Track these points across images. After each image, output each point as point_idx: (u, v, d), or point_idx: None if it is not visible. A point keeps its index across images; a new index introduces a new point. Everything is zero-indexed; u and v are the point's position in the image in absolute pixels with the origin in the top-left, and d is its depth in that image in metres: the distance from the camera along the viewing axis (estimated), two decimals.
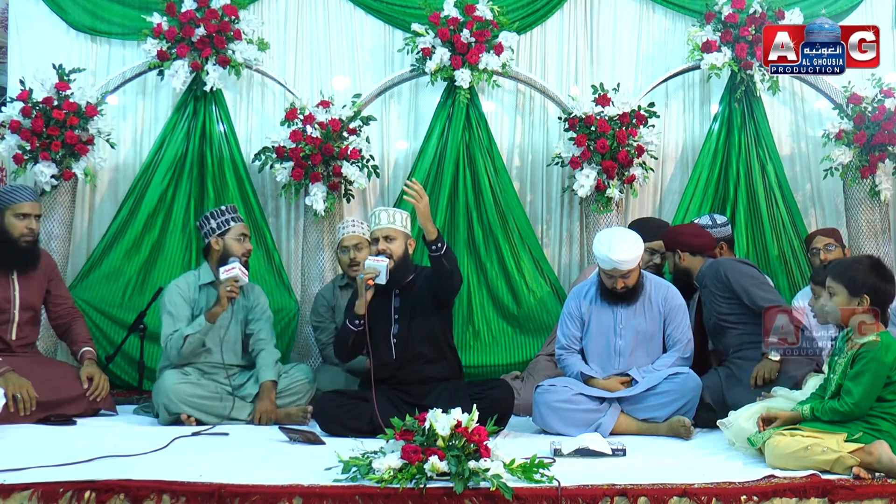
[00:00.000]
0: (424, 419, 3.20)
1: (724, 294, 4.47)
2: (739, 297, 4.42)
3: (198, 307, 4.56)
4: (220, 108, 5.65)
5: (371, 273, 4.11)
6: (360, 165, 5.45)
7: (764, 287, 4.48)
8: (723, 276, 4.47)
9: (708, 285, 4.53)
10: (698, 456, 3.72)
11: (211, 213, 4.64)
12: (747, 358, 4.37)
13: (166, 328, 4.50)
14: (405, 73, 5.76)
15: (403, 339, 4.23)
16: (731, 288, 4.43)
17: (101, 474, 3.14)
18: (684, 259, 4.64)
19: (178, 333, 4.43)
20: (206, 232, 4.62)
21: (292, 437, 3.92)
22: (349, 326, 4.23)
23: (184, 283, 4.62)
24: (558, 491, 3.05)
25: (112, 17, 5.77)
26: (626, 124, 5.42)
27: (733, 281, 4.43)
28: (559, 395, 4.23)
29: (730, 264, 4.54)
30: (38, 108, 5.32)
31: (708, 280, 4.53)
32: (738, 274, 4.46)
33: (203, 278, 4.62)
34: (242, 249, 4.57)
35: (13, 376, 4.21)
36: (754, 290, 4.40)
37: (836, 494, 3.11)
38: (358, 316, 4.19)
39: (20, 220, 4.49)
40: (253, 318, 4.66)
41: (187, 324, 4.48)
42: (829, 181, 5.71)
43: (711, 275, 4.53)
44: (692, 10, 5.77)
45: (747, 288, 4.41)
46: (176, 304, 4.53)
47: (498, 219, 5.63)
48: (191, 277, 4.66)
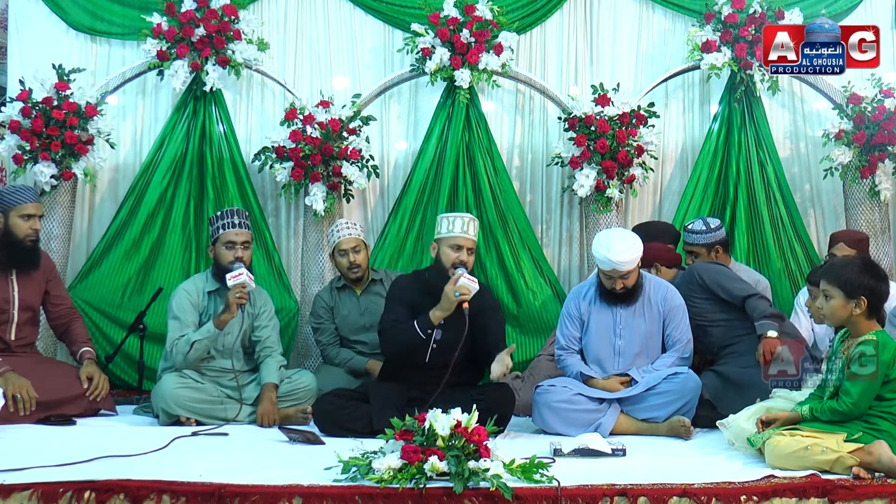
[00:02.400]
0: (424, 419, 3.20)
1: (701, 295, 4.56)
2: (716, 293, 4.52)
3: (206, 314, 4.54)
4: (220, 108, 5.65)
5: (467, 294, 4.04)
6: (359, 165, 5.45)
7: (737, 280, 4.59)
8: (696, 277, 4.59)
9: (683, 291, 4.58)
10: (698, 456, 3.72)
11: (211, 219, 4.65)
12: (739, 352, 4.42)
13: (173, 332, 4.47)
14: (405, 73, 5.76)
15: (442, 346, 4.16)
16: (706, 287, 4.54)
17: (100, 474, 3.14)
18: (662, 272, 4.77)
19: (185, 339, 4.41)
20: (209, 237, 4.66)
21: (292, 437, 3.92)
22: (418, 332, 4.14)
23: (193, 288, 4.58)
24: (558, 491, 3.05)
25: (112, 17, 5.77)
26: (625, 124, 5.43)
27: (708, 279, 4.55)
28: (559, 396, 4.22)
29: (701, 266, 4.70)
30: (37, 108, 5.32)
31: (682, 286, 4.60)
32: (710, 272, 4.59)
33: (210, 285, 4.60)
34: (230, 258, 4.49)
35: (13, 376, 4.21)
36: (729, 284, 4.51)
37: (836, 494, 3.11)
38: (431, 325, 4.13)
39: (25, 220, 4.49)
40: (259, 325, 4.63)
41: (194, 329, 4.46)
42: (829, 181, 5.72)
43: (685, 279, 4.64)
44: (692, 10, 5.78)
45: (722, 283, 4.52)
46: (184, 309, 4.50)
47: (498, 219, 5.63)
48: (199, 282, 4.62)
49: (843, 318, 3.44)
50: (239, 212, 4.65)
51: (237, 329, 4.49)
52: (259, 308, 4.65)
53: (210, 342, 4.42)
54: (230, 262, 4.48)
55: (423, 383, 4.14)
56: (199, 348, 4.40)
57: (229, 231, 4.54)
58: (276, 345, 4.66)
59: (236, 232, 4.56)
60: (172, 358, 4.45)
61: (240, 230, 4.57)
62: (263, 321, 4.65)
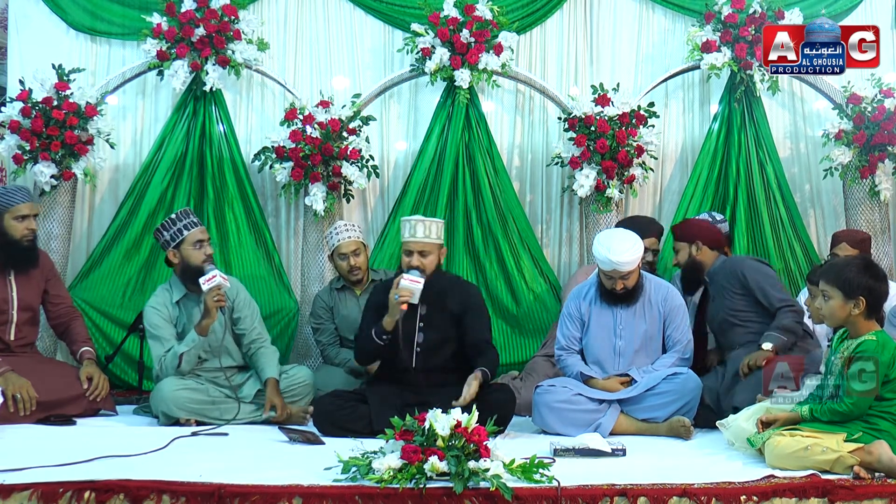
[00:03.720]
0: (424, 419, 3.20)
1: (738, 291, 4.50)
2: (755, 294, 4.46)
3: (180, 324, 4.50)
4: (220, 108, 5.65)
5: (406, 295, 4.03)
6: (359, 165, 5.45)
7: (780, 287, 4.54)
8: (740, 274, 4.50)
9: (721, 281, 4.55)
10: (698, 456, 3.72)
11: (163, 224, 4.51)
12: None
13: (156, 350, 4.43)
14: (405, 73, 5.76)
15: (427, 349, 4.16)
16: (747, 286, 4.48)
17: (100, 474, 3.14)
18: (703, 252, 4.65)
19: (172, 352, 4.37)
20: (163, 244, 4.51)
21: (292, 437, 3.92)
22: (374, 339, 4.14)
23: (159, 303, 4.50)
24: (558, 491, 3.05)
25: (112, 17, 5.76)
26: (625, 124, 5.42)
27: (750, 279, 4.47)
28: (559, 396, 4.22)
29: (748, 263, 4.61)
30: (37, 108, 5.32)
31: (721, 276, 4.55)
32: (756, 272, 4.50)
33: (176, 294, 4.52)
34: (202, 257, 4.42)
35: (13, 376, 4.21)
36: (771, 290, 4.45)
37: (836, 494, 3.11)
38: (385, 332, 4.13)
39: (19, 221, 4.49)
40: (240, 317, 4.56)
41: (175, 341, 4.43)
42: (829, 181, 5.72)
43: (726, 271, 4.56)
44: (692, 10, 5.77)
45: (764, 287, 4.46)
46: (159, 325, 4.44)
47: (497, 219, 5.63)
48: (163, 296, 4.53)
49: (843, 319, 3.44)
50: (191, 211, 4.63)
51: (221, 328, 4.42)
52: (234, 298, 4.55)
53: (198, 350, 4.38)
54: (203, 261, 4.40)
55: (414, 385, 4.15)
56: (189, 359, 4.36)
57: (194, 231, 4.46)
58: (262, 333, 4.61)
59: (201, 230, 4.51)
60: (163, 374, 4.39)
61: (201, 227, 4.53)
62: (243, 310, 4.56)
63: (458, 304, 4.26)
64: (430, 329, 4.17)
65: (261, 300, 5.17)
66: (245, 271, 5.49)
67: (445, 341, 4.21)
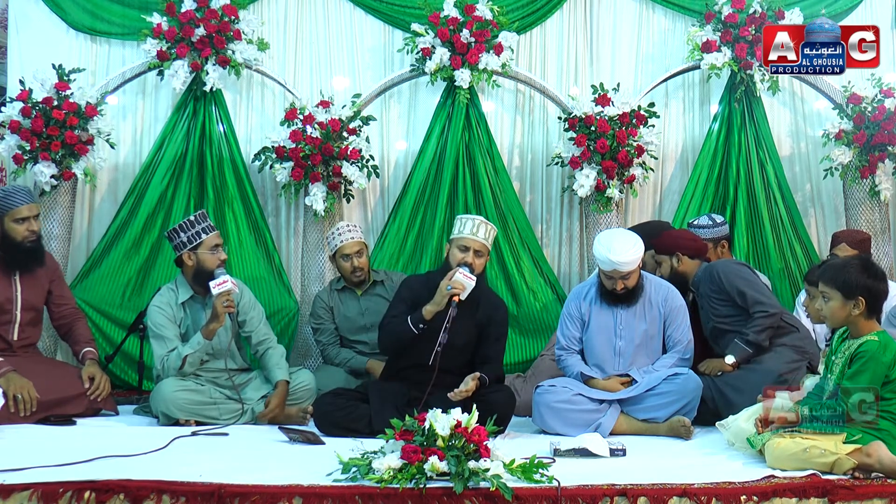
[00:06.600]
0: (424, 419, 3.20)
1: (719, 296, 4.48)
2: (733, 298, 4.43)
3: (184, 325, 4.49)
4: (220, 108, 5.64)
5: (459, 289, 4.08)
6: (359, 165, 5.45)
7: (756, 287, 4.48)
8: (717, 277, 4.47)
9: (702, 289, 4.54)
10: (698, 456, 3.72)
11: (180, 226, 4.48)
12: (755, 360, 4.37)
13: (159, 350, 4.41)
14: (405, 73, 5.76)
15: (447, 350, 4.12)
16: (724, 290, 4.45)
17: (101, 474, 3.14)
18: (683, 263, 4.62)
19: (175, 353, 4.35)
20: (177, 245, 4.48)
21: (292, 437, 3.92)
22: (411, 327, 4.16)
23: (163, 302, 4.48)
24: (558, 491, 3.05)
25: (112, 17, 5.76)
26: (625, 124, 5.42)
27: (726, 282, 4.44)
28: (559, 396, 4.22)
29: (723, 265, 4.56)
30: (37, 108, 5.32)
31: (703, 283, 4.53)
32: (730, 274, 4.47)
33: (182, 295, 4.50)
34: (217, 262, 4.42)
35: (15, 377, 4.21)
36: (748, 291, 4.41)
37: (836, 494, 3.12)
38: (424, 320, 4.15)
39: (20, 224, 4.47)
40: (245, 319, 4.56)
41: (178, 341, 4.42)
42: (829, 181, 5.71)
43: (706, 278, 4.53)
44: (692, 10, 5.77)
45: (741, 288, 4.42)
46: (162, 325, 4.42)
47: (497, 219, 5.62)
48: (168, 295, 4.51)
49: (843, 319, 3.44)
50: (207, 215, 4.63)
51: (227, 333, 4.44)
52: (239, 301, 4.53)
53: (202, 353, 4.38)
54: (217, 266, 4.40)
55: (422, 384, 4.12)
56: (192, 361, 4.36)
57: (212, 235, 4.47)
58: (269, 334, 4.62)
59: (217, 234, 4.52)
60: (164, 374, 4.38)
61: (217, 232, 4.54)
62: (248, 312, 4.57)
63: (485, 315, 4.27)
64: (455, 332, 4.14)
65: (261, 300, 5.15)
66: (245, 271, 5.50)
67: (465, 347, 4.22)
